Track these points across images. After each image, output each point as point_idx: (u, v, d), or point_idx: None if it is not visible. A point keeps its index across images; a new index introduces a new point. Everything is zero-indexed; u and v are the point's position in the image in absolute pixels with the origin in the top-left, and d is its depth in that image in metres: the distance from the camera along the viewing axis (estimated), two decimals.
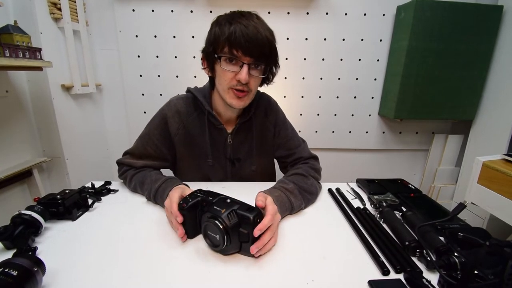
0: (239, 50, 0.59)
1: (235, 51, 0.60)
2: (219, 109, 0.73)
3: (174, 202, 0.52)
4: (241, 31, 0.58)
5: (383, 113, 1.47)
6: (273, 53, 0.64)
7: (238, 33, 0.58)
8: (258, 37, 0.59)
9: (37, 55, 0.96)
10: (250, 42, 0.58)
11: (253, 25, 0.59)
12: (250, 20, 0.60)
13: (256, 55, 0.60)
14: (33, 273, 0.36)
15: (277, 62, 0.68)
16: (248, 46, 0.58)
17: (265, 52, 0.61)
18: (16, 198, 1.08)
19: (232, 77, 0.62)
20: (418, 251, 0.46)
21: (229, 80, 0.63)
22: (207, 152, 0.74)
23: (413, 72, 1.26)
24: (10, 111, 1.05)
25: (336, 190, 0.72)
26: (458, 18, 1.20)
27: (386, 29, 1.37)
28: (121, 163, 0.76)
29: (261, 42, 0.59)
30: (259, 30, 0.59)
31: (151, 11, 1.32)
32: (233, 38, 0.58)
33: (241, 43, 0.58)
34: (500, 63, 1.24)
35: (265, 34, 0.60)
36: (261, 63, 0.63)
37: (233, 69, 0.61)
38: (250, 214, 0.44)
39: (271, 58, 0.65)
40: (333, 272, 0.43)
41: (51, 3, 1.10)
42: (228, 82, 0.63)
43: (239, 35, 0.58)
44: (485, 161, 0.86)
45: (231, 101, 0.65)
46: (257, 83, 0.67)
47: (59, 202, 0.55)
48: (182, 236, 0.50)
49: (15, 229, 0.46)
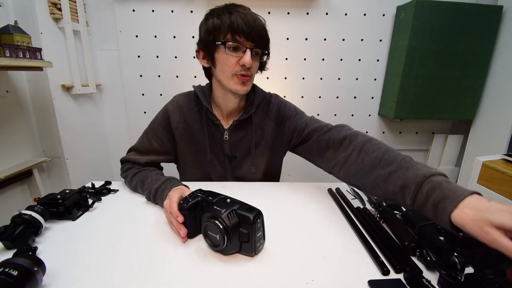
0: (241, 36, 0.63)
1: (238, 37, 0.63)
2: (219, 102, 0.74)
3: (174, 202, 0.52)
4: (242, 19, 0.62)
5: (383, 113, 1.47)
6: (268, 40, 0.69)
7: (239, 20, 0.62)
8: (257, 24, 0.64)
9: (37, 55, 0.96)
10: (251, 28, 0.63)
11: (250, 14, 0.65)
12: (245, 10, 0.66)
13: (256, 40, 0.64)
14: (33, 273, 0.36)
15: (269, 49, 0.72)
16: (250, 32, 0.63)
17: (264, 37, 0.66)
18: (16, 198, 1.08)
19: (236, 62, 0.65)
20: (418, 251, 0.46)
21: (233, 66, 0.65)
22: (206, 147, 0.75)
23: (413, 72, 1.26)
24: (10, 111, 1.05)
25: (336, 190, 0.72)
26: (458, 18, 1.20)
27: (386, 29, 1.37)
28: (125, 161, 0.77)
29: (260, 28, 0.64)
30: (256, 17, 0.65)
31: (151, 11, 1.32)
32: (236, 25, 0.62)
33: (244, 29, 0.62)
34: (500, 63, 1.24)
35: (260, 22, 0.66)
36: (259, 49, 0.67)
37: (237, 55, 0.65)
38: (250, 214, 0.44)
39: (267, 44, 0.69)
40: (333, 271, 0.43)
41: (51, 3, 1.10)
42: (232, 68, 0.66)
43: (240, 22, 0.62)
44: (485, 161, 0.86)
45: (236, 87, 0.67)
46: (256, 69, 0.71)
47: (59, 202, 0.55)
48: (184, 236, 0.50)
49: (16, 229, 0.46)
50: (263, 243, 0.48)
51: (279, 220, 0.57)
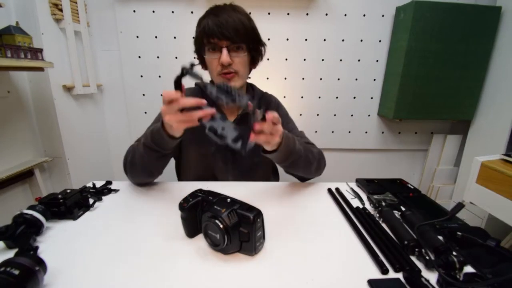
0: (214, 37, 0.66)
1: (211, 39, 0.66)
2: None
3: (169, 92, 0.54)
4: (213, 21, 0.65)
5: (382, 113, 1.47)
6: (249, 32, 0.69)
7: (210, 23, 0.66)
8: (229, 21, 0.65)
9: (38, 56, 0.96)
10: (222, 26, 0.65)
11: (225, 13, 0.67)
12: (223, 10, 0.68)
13: (230, 37, 0.66)
14: (35, 272, 0.36)
15: (260, 41, 0.73)
16: (221, 31, 0.65)
17: (240, 32, 0.66)
18: (17, 198, 1.09)
19: (217, 63, 0.68)
20: (417, 250, 0.46)
21: (215, 67, 0.69)
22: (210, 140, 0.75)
23: (412, 72, 1.27)
24: (11, 111, 1.05)
25: (335, 190, 0.72)
26: (457, 19, 1.20)
27: (386, 30, 1.38)
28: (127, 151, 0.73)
29: (232, 24, 0.65)
30: (230, 15, 0.66)
31: (152, 12, 1.32)
32: (207, 29, 0.66)
33: (214, 30, 0.65)
34: (499, 63, 1.24)
35: (237, 17, 0.67)
36: (240, 44, 0.68)
37: (216, 56, 0.68)
38: (250, 214, 0.44)
39: (248, 37, 0.69)
40: (333, 271, 0.44)
41: (52, 4, 1.10)
42: (215, 69, 0.69)
43: (211, 24, 0.65)
44: (483, 161, 0.86)
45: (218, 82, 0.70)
46: (242, 63, 0.71)
47: (61, 201, 0.55)
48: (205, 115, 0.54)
49: (17, 228, 0.47)
50: (263, 242, 0.48)
51: (279, 219, 0.58)
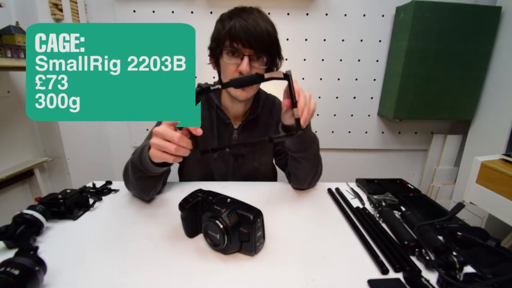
0: (239, 43, 0.62)
1: (235, 44, 0.62)
2: (226, 104, 0.76)
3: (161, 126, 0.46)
4: (240, 24, 0.61)
5: (383, 113, 1.47)
6: (274, 44, 0.66)
7: (237, 26, 0.61)
8: (257, 29, 0.61)
9: None
10: (249, 34, 0.61)
11: (252, 19, 0.62)
12: (250, 14, 0.63)
13: (256, 47, 0.62)
14: (35, 272, 0.36)
15: (280, 54, 0.71)
16: (248, 38, 0.61)
17: (265, 43, 0.63)
18: (17, 198, 1.09)
19: (235, 69, 0.64)
20: (417, 250, 0.46)
21: (232, 73, 0.65)
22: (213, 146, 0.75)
23: (412, 72, 1.27)
24: (11, 111, 1.05)
25: (335, 190, 0.72)
26: (457, 19, 1.20)
27: (386, 30, 1.38)
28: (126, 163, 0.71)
29: (260, 33, 0.62)
30: (258, 22, 0.62)
31: (152, 12, 1.32)
32: (233, 32, 0.61)
33: (241, 35, 0.61)
34: (499, 63, 1.25)
35: (264, 26, 0.63)
36: (262, 55, 0.65)
37: (235, 62, 0.64)
38: (250, 214, 0.44)
39: (272, 50, 0.67)
40: (333, 271, 0.44)
41: (52, 4, 1.11)
42: (231, 75, 0.65)
43: (238, 28, 0.61)
44: (483, 161, 0.86)
45: (235, 93, 0.67)
46: None
47: (61, 201, 0.55)
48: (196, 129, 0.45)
49: (17, 228, 0.47)
50: (263, 242, 0.48)
51: (279, 219, 0.58)
